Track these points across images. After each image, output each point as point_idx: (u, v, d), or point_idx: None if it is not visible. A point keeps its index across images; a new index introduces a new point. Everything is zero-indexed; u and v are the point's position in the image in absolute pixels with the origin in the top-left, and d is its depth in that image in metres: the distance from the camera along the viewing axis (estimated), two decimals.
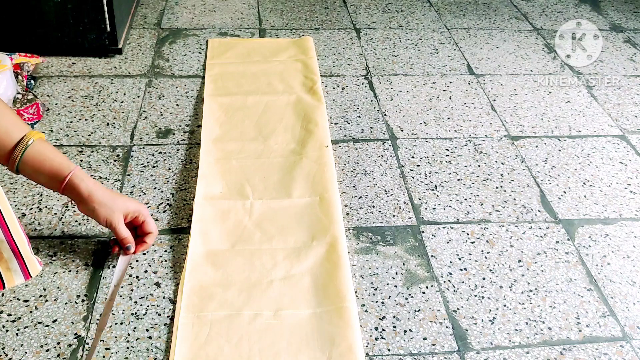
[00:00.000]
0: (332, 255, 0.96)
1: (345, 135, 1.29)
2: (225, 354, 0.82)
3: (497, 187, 1.17)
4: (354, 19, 1.77)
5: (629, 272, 1.01)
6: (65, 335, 0.84)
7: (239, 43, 1.57)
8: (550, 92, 1.49)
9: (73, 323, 0.86)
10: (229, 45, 1.56)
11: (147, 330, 0.86)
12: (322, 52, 1.59)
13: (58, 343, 0.83)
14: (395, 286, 0.95)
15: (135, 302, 0.90)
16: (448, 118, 1.36)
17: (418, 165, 1.22)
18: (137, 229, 0.96)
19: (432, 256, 1.01)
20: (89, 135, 1.23)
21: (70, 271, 0.94)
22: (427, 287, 0.95)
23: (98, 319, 0.87)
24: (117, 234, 0.92)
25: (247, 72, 1.44)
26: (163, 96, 1.37)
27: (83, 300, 0.89)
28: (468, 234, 1.06)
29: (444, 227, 1.07)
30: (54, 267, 0.94)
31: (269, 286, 0.92)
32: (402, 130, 1.31)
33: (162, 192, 1.11)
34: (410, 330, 0.88)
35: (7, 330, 0.84)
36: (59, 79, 1.40)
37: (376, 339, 0.87)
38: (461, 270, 0.99)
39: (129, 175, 1.14)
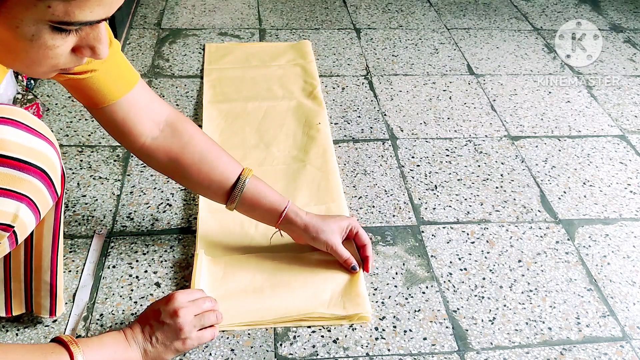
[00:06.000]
0: None
1: (345, 135, 1.29)
2: (241, 288, 0.91)
3: (497, 187, 1.17)
4: (354, 19, 1.77)
5: (629, 272, 1.01)
6: None
7: (237, 48, 1.57)
8: (550, 92, 1.49)
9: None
10: (226, 49, 1.55)
11: None
12: (322, 52, 1.59)
13: None
14: (395, 286, 0.95)
15: (135, 302, 0.90)
16: (448, 118, 1.36)
17: (418, 165, 1.22)
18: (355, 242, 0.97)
19: (432, 256, 1.01)
20: (89, 135, 1.23)
21: (70, 271, 0.94)
22: (427, 287, 0.95)
23: (98, 319, 0.87)
24: (339, 256, 0.93)
25: (246, 77, 1.43)
26: (163, 96, 1.37)
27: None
28: (468, 234, 1.06)
29: (444, 227, 1.07)
30: None
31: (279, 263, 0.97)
32: (402, 130, 1.31)
33: (162, 192, 1.11)
34: (410, 330, 0.88)
35: (7, 330, 0.84)
36: None
37: (376, 339, 0.87)
38: (461, 270, 0.99)
39: (129, 175, 1.14)
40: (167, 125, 0.85)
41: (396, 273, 0.98)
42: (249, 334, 0.86)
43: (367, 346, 0.85)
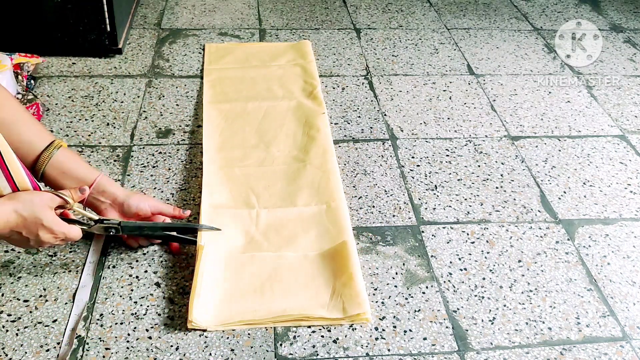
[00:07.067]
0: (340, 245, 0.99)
1: (345, 135, 1.29)
2: (241, 287, 0.92)
3: (497, 187, 1.17)
4: (354, 19, 1.77)
5: (629, 272, 1.01)
6: (65, 335, 0.84)
7: (237, 48, 1.56)
8: (550, 92, 1.49)
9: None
10: (226, 50, 1.55)
11: (147, 330, 0.86)
12: (322, 52, 1.59)
13: (58, 343, 0.83)
14: (395, 286, 0.95)
15: (135, 302, 0.90)
16: (448, 118, 1.36)
17: (418, 165, 1.22)
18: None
19: (432, 256, 1.01)
20: (89, 135, 1.23)
21: (70, 271, 0.94)
22: (427, 287, 0.95)
23: (98, 319, 0.87)
24: (165, 211, 0.98)
25: (246, 78, 1.43)
26: (163, 96, 1.37)
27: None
28: (468, 234, 1.06)
29: (444, 227, 1.07)
30: (54, 267, 0.94)
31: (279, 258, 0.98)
32: (402, 130, 1.31)
33: (162, 192, 1.11)
34: (410, 330, 0.88)
35: (7, 330, 0.84)
36: (59, 79, 1.40)
37: (376, 339, 0.87)
38: (461, 270, 0.99)
39: (129, 175, 1.14)
40: None
41: (396, 273, 0.98)
42: (249, 334, 0.86)
43: (367, 346, 0.85)
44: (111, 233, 0.93)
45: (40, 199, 0.81)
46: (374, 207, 1.11)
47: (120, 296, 0.91)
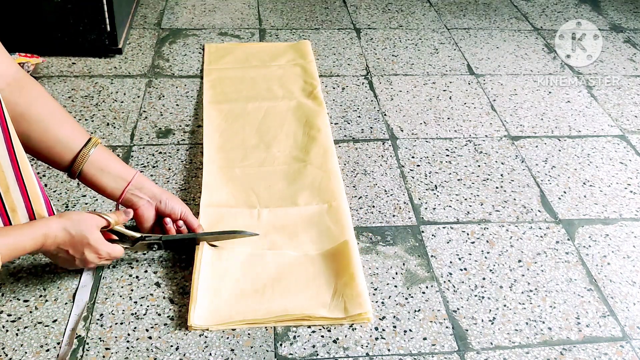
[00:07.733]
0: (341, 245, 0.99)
1: (345, 135, 1.29)
2: (242, 287, 0.92)
3: (497, 187, 1.17)
4: (354, 19, 1.77)
5: (629, 272, 1.01)
6: (65, 335, 0.84)
7: (237, 48, 1.57)
8: (550, 92, 1.49)
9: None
10: (226, 50, 1.55)
11: (147, 330, 0.86)
12: (322, 52, 1.59)
13: (58, 343, 0.83)
14: (395, 286, 0.95)
15: (135, 302, 0.90)
16: (448, 118, 1.36)
17: (418, 165, 1.22)
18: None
19: (432, 256, 1.01)
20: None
21: (70, 271, 0.94)
22: (427, 287, 0.95)
23: (98, 319, 0.87)
24: (190, 223, 0.97)
25: (246, 78, 1.43)
26: (163, 96, 1.37)
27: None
28: (468, 234, 1.06)
29: (444, 227, 1.07)
30: (54, 267, 0.94)
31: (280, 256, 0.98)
32: (402, 130, 1.31)
33: None
34: (410, 330, 0.88)
35: (7, 330, 0.84)
36: (59, 79, 1.40)
37: (376, 339, 0.87)
38: (461, 270, 0.99)
39: None
40: (15, 81, 0.83)
41: (396, 273, 0.98)
42: (249, 334, 0.86)
43: (367, 346, 0.85)
44: (154, 249, 0.94)
45: (87, 219, 0.84)
46: (374, 207, 1.11)
47: (120, 296, 0.91)
